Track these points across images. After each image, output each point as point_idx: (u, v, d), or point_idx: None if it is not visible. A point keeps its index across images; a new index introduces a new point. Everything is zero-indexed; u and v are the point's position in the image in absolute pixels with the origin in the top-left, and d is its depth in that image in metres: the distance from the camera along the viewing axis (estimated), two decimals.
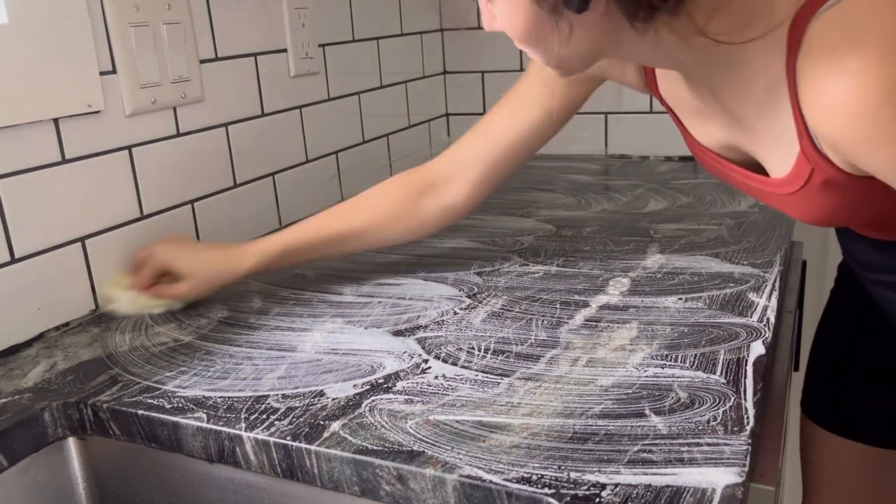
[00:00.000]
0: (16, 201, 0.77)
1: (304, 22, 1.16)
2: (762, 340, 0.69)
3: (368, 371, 0.68)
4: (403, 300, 0.84)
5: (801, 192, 0.65)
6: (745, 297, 0.79)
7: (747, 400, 0.59)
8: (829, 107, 0.53)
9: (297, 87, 1.17)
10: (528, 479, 0.51)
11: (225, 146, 1.04)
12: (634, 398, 0.60)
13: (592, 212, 1.15)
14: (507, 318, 0.77)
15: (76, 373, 0.71)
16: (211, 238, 1.01)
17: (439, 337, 0.74)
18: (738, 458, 0.52)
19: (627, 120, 1.50)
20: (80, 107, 0.82)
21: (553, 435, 0.56)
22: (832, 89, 0.52)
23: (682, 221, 1.06)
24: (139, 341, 0.77)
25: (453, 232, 1.08)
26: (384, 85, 1.41)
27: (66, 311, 0.83)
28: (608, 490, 0.49)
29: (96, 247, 0.86)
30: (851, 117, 0.51)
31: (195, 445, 0.62)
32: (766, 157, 0.67)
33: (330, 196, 1.27)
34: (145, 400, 0.65)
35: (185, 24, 0.94)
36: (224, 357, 0.72)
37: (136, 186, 0.90)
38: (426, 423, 0.58)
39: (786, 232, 0.99)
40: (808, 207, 0.67)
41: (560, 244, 1.00)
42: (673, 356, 0.67)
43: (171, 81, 0.93)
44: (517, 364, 0.67)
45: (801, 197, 0.65)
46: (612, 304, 0.79)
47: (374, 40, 1.37)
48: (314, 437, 0.57)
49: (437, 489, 0.53)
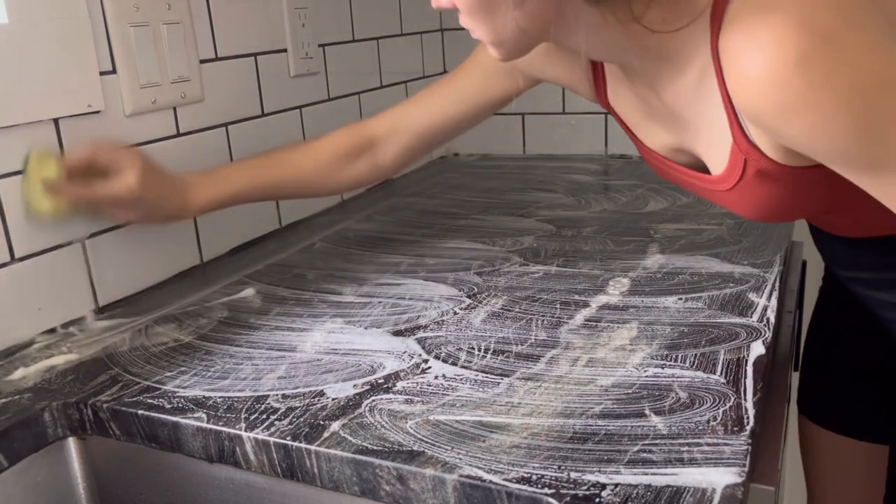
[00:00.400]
0: (16, 201, 0.77)
1: (304, 22, 1.16)
2: (762, 340, 0.69)
3: (368, 371, 0.68)
4: (403, 300, 0.84)
5: (738, 186, 0.66)
6: (745, 297, 0.79)
7: (747, 400, 0.59)
8: (745, 78, 0.54)
9: (297, 87, 1.17)
10: (528, 479, 0.51)
11: (225, 146, 1.04)
12: (634, 398, 0.60)
13: (592, 212, 1.15)
14: (507, 318, 0.77)
15: (76, 373, 0.71)
16: (212, 237, 1.01)
17: (439, 337, 0.74)
18: (738, 458, 0.52)
19: None
20: (80, 107, 0.82)
21: (553, 435, 0.56)
22: (747, 62, 0.53)
23: (682, 221, 1.06)
24: (139, 341, 0.77)
25: (453, 232, 1.08)
26: (384, 85, 1.41)
27: (66, 311, 0.83)
28: (608, 490, 0.49)
29: (96, 247, 0.86)
30: (766, 86, 0.52)
31: (195, 445, 0.62)
32: (706, 154, 0.68)
33: (330, 196, 1.27)
34: (145, 400, 0.65)
35: (185, 24, 0.94)
36: (224, 357, 0.72)
37: None
38: (426, 423, 0.58)
39: (786, 232, 0.99)
40: (749, 202, 0.68)
41: (560, 244, 1.00)
42: (673, 356, 0.67)
43: (171, 81, 0.93)
44: (517, 364, 0.67)
45: (740, 192, 0.66)
46: (612, 304, 0.79)
47: (374, 40, 1.37)
48: (314, 437, 0.57)
49: (437, 489, 0.53)
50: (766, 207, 0.68)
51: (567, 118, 1.55)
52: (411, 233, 1.09)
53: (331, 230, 1.13)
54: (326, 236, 1.10)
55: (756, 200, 0.67)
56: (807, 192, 0.65)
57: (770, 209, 0.68)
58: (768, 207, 0.68)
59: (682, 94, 0.65)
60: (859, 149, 0.52)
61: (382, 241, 1.06)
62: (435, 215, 1.18)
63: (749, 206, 0.69)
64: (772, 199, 0.66)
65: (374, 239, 1.07)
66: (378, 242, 1.05)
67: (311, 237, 1.10)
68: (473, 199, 1.26)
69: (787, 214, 0.72)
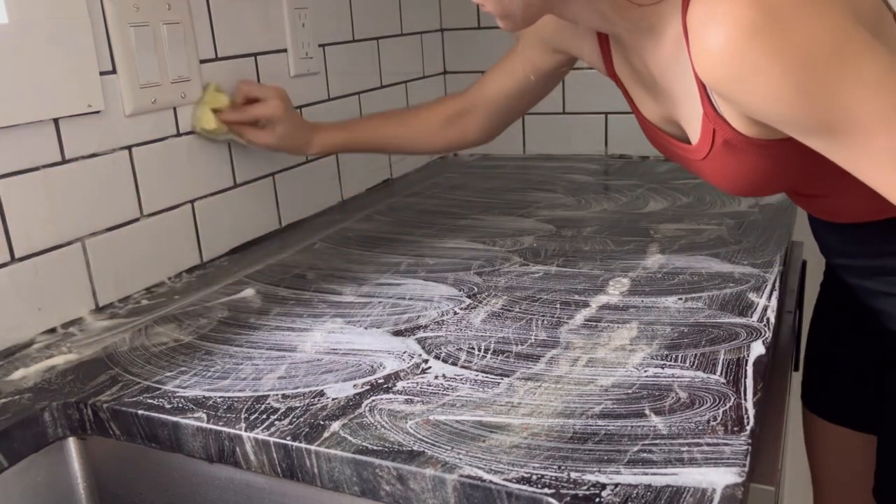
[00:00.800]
0: (16, 201, 0.77)
1: (304, 22, 1.16)
2: (762, 340, 0.69)
3: (368, 371, 0.68)
4: (403, 300, 0.84)
5: (710, 156, 0.71)
6: (745, 297, 0.79)
7: (747, 400, 0.59)
8: (704, 50, 0.58)
9: (297, 87, 1.17)
10: (528, 479, 0.51)
11: (225, 146, 1.03)
12: (634, 398, 0.60)
13: (592, 212, 1.15)
14: (507, 318, 0.77)
15: (76, 373, 0.71)
16: (212, 237, 1.01)
17: (439, 337, 0.74)
18: (738, 458, 0.52)
19: (627, 120, 1.50)
20: (80, 107, 0.82)
21: (553, 435, 0.56)
22: (707, 35, 0.58)
23: (682, 221, 1.06)
24: (139, 341, 0.77)
25: (453, 232, 1.08)
26: (384, 85, 1.41)
27: (67, 311, 0.83)
28: (608, 490, 0.49)
29: (96, 247, 0.86)
30: (721, 57, 0.57)
31: (195, 445, 0.62)
32: (686, 124, 0.73)
33: (330, 196, 1.27)
34: (145, 400, 0.65)
35: (185, 24, 0.94)
36: (224, 357, 0.72)
37: (136, 186, 0.90)
38: (426, 423, 0.58)
39: (786, 232, 0.99)
40: (720, 172, 0.73)
41: (560, 244, 1.00)
42: (673, 356, 0.67)
43: (171, 81, 0.93)
44: (517, 364, 0.67)
45: (712, 161, 0.72)
46: (612, 304, 0.79)
47: (374, 40, 1.37)
48: (314, 437, 0.57)
49: (437, 489, 0.53)
50: (736, 178, 0.73)
51: (567, 118, 1.55)
52: (411, 233, 1.09)
53: (331, 230, 1.13)
54: (326, 236, 1.10)
55: (726, 170, 0.72)
56: (773, 165, 0.70)
57: (740, 180, 0.73)
58: (738, 178, 0.73)
59: (662, 65, 0.70)
60: (810, 115, 0.57)
61: (382, 241, 1.06)
62: (435, 215, 1.18)
63: (720, 177, 0.74)
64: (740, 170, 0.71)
65: (374, 239, 1.07)
66: (378, 242, 1.05)
67: (311, 237, 1.10)
68: (473, 199, 1.26)
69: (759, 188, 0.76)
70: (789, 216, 1.06)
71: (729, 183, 0.74)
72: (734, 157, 0.69)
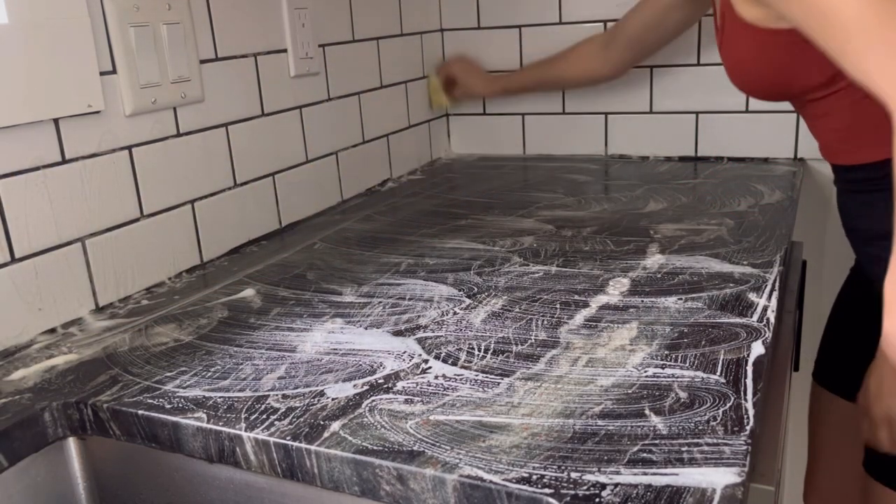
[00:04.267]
0: (16, 201, 0.77)
1: (304, 22, 1.16)
2: (762, 340, 0.69)
3: (368, 371, 0.68)
4: (403, 300, 0.84)
5: (723, 40, 0.88)
6: (745, 297, 0.79)
7: (747, 400, 0.59)
8: None
9: (297, 87, 1.17)
10: (528, 479, 0.51)
11: (225, 146, 1.04)
12: (634, 398, 0.60)
13: (592, 212, 1.15)
14: (507, 318, 0.77)
15: (76, 373, 0.71)
16: (212, 237, 1.02)
17: (439, 337, 0.74)
18: (738, 458, 0.52)
19: (627, 120, 1.50)
20: (80, 107, 0.82)
21: (553, 435, 0.56)
22: None
23: (682, 221, 1.06)
24: (139, 341, 0.77)
25: (453, 232, 1.08)
26: (384, 85, 1.41)
27: (67, 311, 0.83)
28: (608, 490, 0.49)
29: (96, 247, 0.86)
30: None
31: (195, 445, 0.62)
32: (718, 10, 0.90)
33: (330, 196, 1.27)
34: (145, 400, 0.65)
35: (185, 25, 0.94)
36: (224, 357, 0.72)
37: (136, 186, 0.90)
38: (426, 423, 0.58)
39: (786, 232, 0.99)
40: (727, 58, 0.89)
41: (560, 244, 1.00)
42: (673, 356, 0.67)
43: (171, 81, 0.93)
44: (517, 364, 0.67)
45: (724, 47, 0.88)
46: (612, 304, 0.79)
47: (374, 40, 1.37)
48: (314, 437, 0.57)
49: (437, 489, 0.53)
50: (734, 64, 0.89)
51: (567, 118, 1.55)
52: (411, 233, 1.09)
53: (331, 230, 1.13)
54: (326, 236, 1.10)
55: (730, 55, 0.88)
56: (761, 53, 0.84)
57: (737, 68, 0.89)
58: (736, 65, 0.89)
59: None
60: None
61: (382, 241, 1.06)
62: (435, 215, 1.18)
63: (728, 64, 0.90)
64: (737, 56, 0.87)
65: (374, 239, 1.07)
66: (378, 242, 1.05)
67: (311, 237, 1.10)
68: (473, 199, 1.26)
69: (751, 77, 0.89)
70: (789, 216, 1.06)
71: (729, 69, 0.90)
72: (734, 42, 0.86)
